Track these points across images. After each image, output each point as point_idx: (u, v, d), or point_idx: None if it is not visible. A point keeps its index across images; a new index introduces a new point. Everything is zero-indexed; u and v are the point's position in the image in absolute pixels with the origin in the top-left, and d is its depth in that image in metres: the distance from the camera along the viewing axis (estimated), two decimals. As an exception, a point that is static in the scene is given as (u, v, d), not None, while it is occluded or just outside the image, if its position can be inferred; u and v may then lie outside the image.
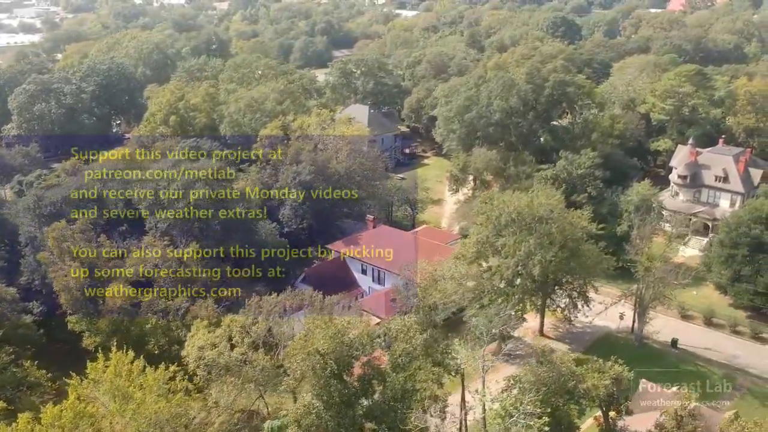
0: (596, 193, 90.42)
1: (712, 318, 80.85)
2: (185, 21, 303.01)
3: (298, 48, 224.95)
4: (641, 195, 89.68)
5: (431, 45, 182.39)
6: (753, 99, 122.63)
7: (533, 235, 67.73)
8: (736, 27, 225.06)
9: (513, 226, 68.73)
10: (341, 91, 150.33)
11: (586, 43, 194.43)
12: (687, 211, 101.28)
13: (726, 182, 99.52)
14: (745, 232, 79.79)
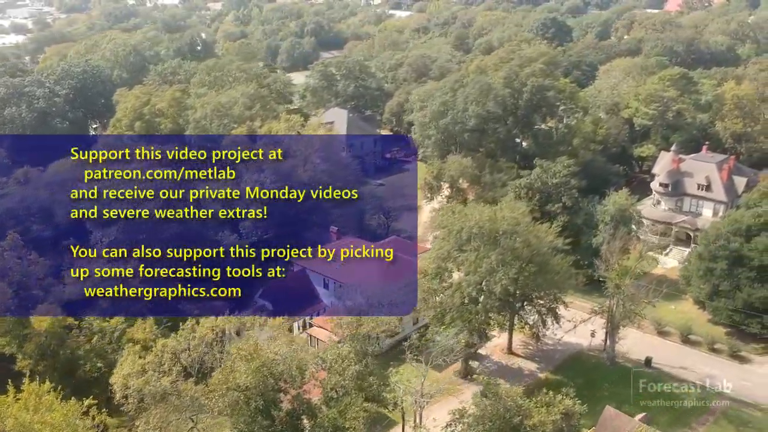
0: (571, 202, 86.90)
1: (689, 335, 77.39)
2: (175, 22, 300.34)
3: (284, 49, 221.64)
4: (618, 205, 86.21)
5: (417, 47, 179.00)
6: (740, 103, 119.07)
7: (496, 251, 64.27)
8: (731, 28, 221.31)
9: (475, 240, 65.28)
10: (322, 94, 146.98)
11: (576, 45, 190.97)
12: (668, 220, 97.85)
13: (709, 191, 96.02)
14: (724, 245, 76.33)
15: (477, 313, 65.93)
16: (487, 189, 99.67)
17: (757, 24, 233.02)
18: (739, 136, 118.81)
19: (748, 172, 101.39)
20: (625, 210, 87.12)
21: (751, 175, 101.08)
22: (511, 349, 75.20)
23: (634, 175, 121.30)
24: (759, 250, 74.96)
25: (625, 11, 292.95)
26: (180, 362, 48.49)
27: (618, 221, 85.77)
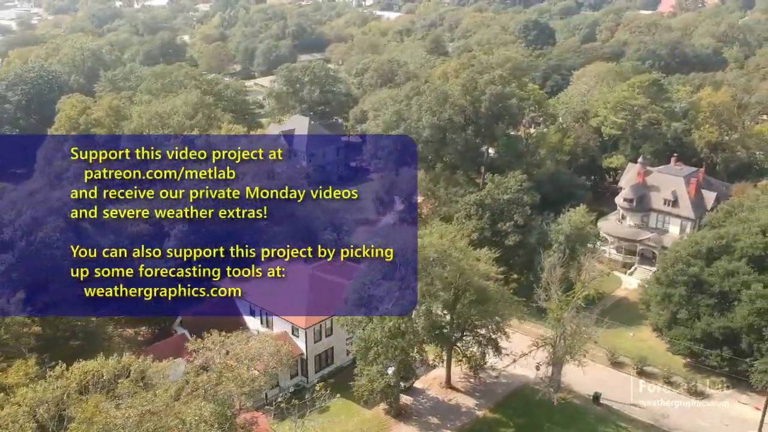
0: (523, 220, 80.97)
1: (645, 366, 71.51)
2: (156, 24, 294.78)
3: (260, 52, 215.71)
4: (573, 223, 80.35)
5: (391, 50, 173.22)
6: (716, 111, 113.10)
7: (422, 281, 58.51)
8: (720, 30, 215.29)
9: (400, 269, 59.43)
10: (286, 100, 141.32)
11: (557, 48, 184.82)
12: (633, 237, 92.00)
13: (675, 206, 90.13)
14: (683, 269, 70.37)
15: (403, 349, 60.00)
16: (442, 204, 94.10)
17: (747, 26, 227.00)
18: (715, 146, 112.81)
19: (719, 185, 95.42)
20: (582, 228, 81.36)
21: (722, 189, 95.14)
22: (450, 382, 69.34)
23: (605, 187, 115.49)
24: (720, 275, 69.08)
25: (617, 12, 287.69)
26: (36, 418, 42.60)
27: (574, 241, 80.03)
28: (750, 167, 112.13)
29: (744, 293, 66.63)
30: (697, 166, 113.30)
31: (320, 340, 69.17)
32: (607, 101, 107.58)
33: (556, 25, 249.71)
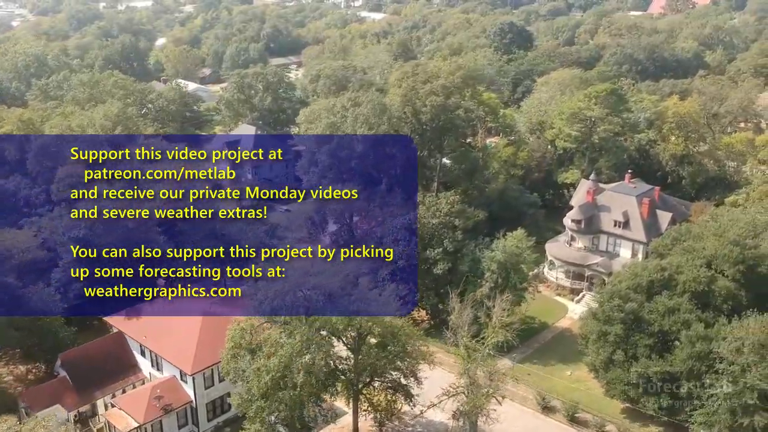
0: (454, 246, 73.90)
1: (577, 413, 64.38)
2: (131, 26, 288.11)
3: (229, 56, 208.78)
4: (509, 250, 73.19)
5: (355, 55, 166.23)
6: (682, 121, 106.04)
7: (302, 329, 51.46)
8: (705, 33, 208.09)
9: (282, 310, 52.53)
10: (237, 107, 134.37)
11: (534, 52, 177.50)
12: (581, 261, 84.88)
13: (626, 228, 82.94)
14: (619, 305, 63.20)
15: (291, 401, 52.98)
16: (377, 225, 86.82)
17: (733, 28, 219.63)
18: (682, 159, 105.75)
19: (676, 205, 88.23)
20: (519, 254, 74.22)
21: (680, 209, 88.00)
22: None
23: (563, 204, 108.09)
24: (660, 313, 61.92)
25: (603, 14, 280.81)
26: None
27: (508, 269, 72.98)
28: (719, 181, 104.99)
29: (684, 334, 59.49)
30: (663, 180, 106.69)
31: (213, 385, 62.11)
32: (561, 112, 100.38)
33: (539, 28, 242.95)
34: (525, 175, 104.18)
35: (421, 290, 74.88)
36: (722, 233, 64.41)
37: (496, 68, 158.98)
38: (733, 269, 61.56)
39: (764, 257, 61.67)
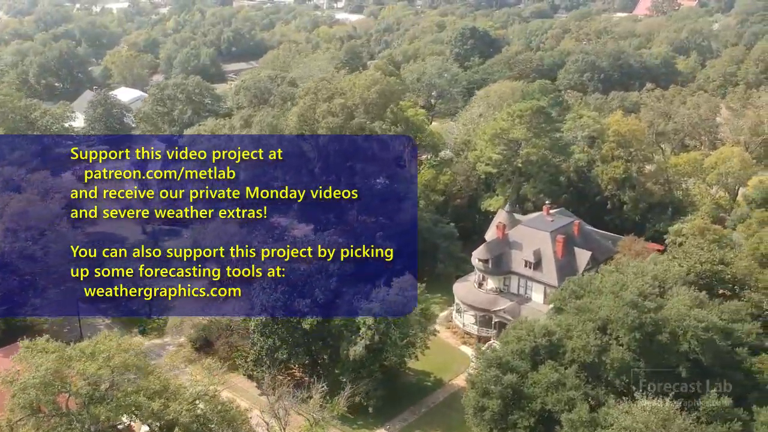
0: (325, 297, 63.60)
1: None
2: (93, 30, 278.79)
3: (178, 62, 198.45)
4: (390, 299, 62.92)
5: (297, 63, 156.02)
6: (623, 141, 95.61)
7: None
8: (681, 37, 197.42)
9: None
10: (156, 121, 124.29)
11: (495, 58, 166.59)
12: (488, 306, 74.52)
13: (538, 269, 72.58)
14: (497, 376, 52.90)
15: None
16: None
17: (712, 32, 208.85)
18: (623, 182, 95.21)
19: (600, 240, 77.83)
20: (404, 304, 63.86)
21: (605, 245, 77.66)
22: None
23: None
24: (543, 387, 51.68)
25: (588, 15, 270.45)
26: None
27: (387, 324, 62.71)
28: (666, 207, 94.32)
29: (565, 417, 49.20)
30: (603, 206, 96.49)
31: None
32: (484, 132, 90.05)
33: (513, 32, 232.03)
34: (446, 202, 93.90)
35: (290, 347, 64.77)
36: (621, 289, 53.95)
37: (448, 77, 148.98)
38: (628, 336, 51.12)
39: (666, 322, 51.16)
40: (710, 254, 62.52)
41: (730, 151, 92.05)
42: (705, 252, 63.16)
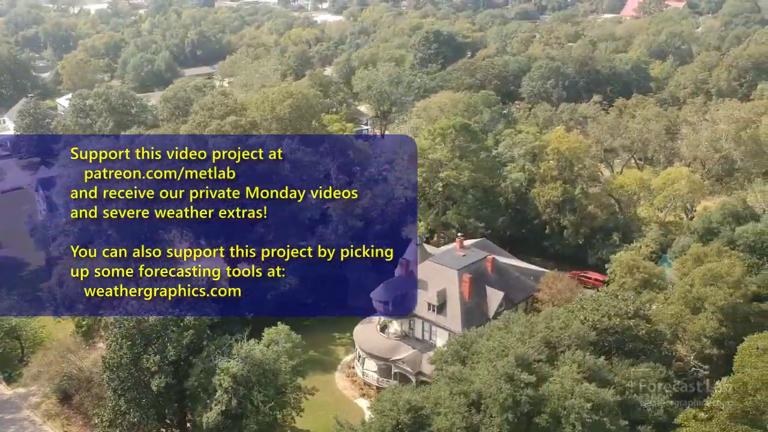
0: (177, 354, 54.63)
1: None
2: (59, 32, 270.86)
3: (131, 67, 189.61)
4: (253, 357, 54.10)
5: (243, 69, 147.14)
6: (564, 161, 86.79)
7: None
8: (659, 40, 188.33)
9: None
10: (76, 132, 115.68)
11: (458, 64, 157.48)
12: (386, 354, 65.58)
13: (441, 313, 63.69)
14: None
15: None
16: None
17: (692, 35, 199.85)
18: (562, 204, 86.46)
19: (519, 278, 68.73)
20: (274, 360, 55.14)
21: (526, 283, 68.69)
22: None
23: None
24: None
25: (572, 17, 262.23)
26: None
27: (250, 386, 53.85)
28: (610, 232, 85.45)
29: None
30: (541, 230, 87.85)
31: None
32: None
33: (489, 34, 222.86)
34: (367, 228, 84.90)
35: (141, 409, 55.93)
36: (500, 355, 45.01)
37: (403, 85, 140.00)
38: (501, 417, 42.20)
39: (548, 400, 42.23)
40: (624, 304, 53.39)
41: (678, 172, 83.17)
42: (620, 301, 54.08)
